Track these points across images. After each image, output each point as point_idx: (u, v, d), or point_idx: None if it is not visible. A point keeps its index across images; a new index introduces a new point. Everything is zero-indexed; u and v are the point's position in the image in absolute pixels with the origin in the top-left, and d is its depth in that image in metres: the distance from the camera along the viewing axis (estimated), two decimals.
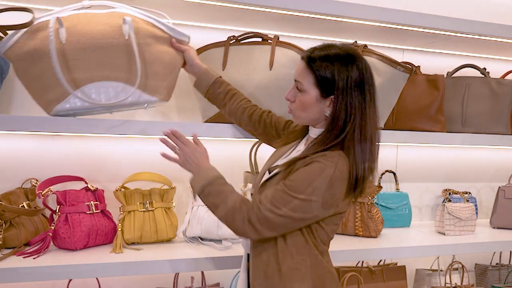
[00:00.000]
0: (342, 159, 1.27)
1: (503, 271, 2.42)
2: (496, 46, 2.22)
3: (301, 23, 1.88)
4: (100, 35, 1.42)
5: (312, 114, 1.34)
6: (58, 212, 1.58)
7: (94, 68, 1.42)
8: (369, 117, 1.31)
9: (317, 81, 1.30)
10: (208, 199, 1.33)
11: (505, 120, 2.18)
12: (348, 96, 1.28)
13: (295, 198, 1.23)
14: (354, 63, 1.29)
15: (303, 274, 1.30)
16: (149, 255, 1.58)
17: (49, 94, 1.42)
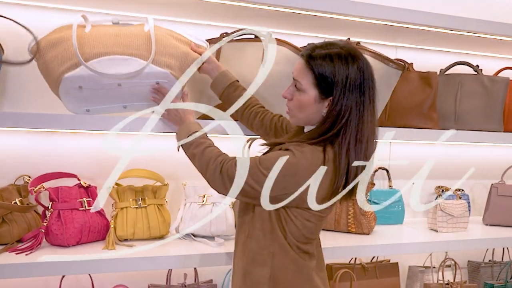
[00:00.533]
0: (316, 153, 1.28)
1: (496, 268, 2.46)
2: (489, 44, 2.25)
3: (294, 20, 1.91)
4: (123, 29, 1.51)
5: (310, 114, 1.34)
6: (50, 208, 1.61)
7: (110, 46, 1.47)
8: (367, 119, 1.31)
9: (317, 81, 1.30)
10: (189, 150, 1.40)
11: (497, 117, 2.21)
12: (346, 98, 1.28)
13: (260, 172, 1.26)
14: (355, 63, 1.30)
15: (264, 260, 1.34)
16: (142, 252, 1.60)
17: (63, 65, 1.45)
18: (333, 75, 1.28)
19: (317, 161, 1.27)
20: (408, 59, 2.19)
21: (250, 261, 1.35)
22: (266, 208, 1.31)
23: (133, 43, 1.48)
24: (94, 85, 1.47)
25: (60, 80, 1.45)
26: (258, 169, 1.27)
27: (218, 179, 1.31)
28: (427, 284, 2.23)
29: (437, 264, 2.32)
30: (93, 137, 1.89)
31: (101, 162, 1.88)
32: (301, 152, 1.27)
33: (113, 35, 1.47)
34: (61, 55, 1.44)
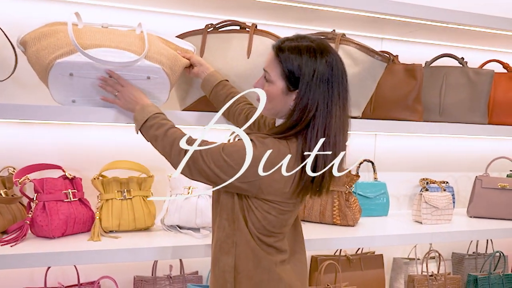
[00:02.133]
0: (277, 145, 1.34)
1: (480, 260, 2.58)
2: (475, 36, 2.35)
3: (280, 12, 1.99)
4: (115, 30, 1.60)
5: (277, 106, 1.40)
6: (35, 200, 1.68)
7: (104, 41, 1.55)
8: (335, 114, 1.36)
9: (285, 73, 1.36)
10: (149, 132, 1.45)
11: (482, 109, 2.31)
12: (312, 91, 1.34)
13: (222, 158, 1.33)
14: (324, 57, 1.35)
15: (228, 249, 1.43)
16: (127, 243, 1.68)
17: (56, 52, 1.51)
18: (300, 68, 1.34)
19: (278, 153, 1.33)
20: (394, 51, 2.28)
21: (217, 250, 1.45)
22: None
23: (126, 41, 1.57)
24: (86, 73, 1.55)
25: (51, 65, 1.51)
26: (221, 155, 1.33)
27: (179, 160, 1.35)
28: (412, 276, 2.34)
29: (422, 256, 2.43)
30: (77, 129, 1.96)
31: (86, 154, 1.96)
32: (262, 143, 1.34)
33: (106, 33, 1.56)
34: (54, 44, 1.52)
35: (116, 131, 2.01)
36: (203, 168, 1.35)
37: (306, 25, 2.20)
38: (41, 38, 1.52)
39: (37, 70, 1.56)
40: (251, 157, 1.24)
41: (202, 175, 1.36)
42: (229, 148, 1.35)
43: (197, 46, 1.86)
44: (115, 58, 1.53)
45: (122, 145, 2.00)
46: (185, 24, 1.97)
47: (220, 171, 1.33)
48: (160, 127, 1.44)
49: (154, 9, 2.00)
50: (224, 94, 1.70)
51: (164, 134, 1.42)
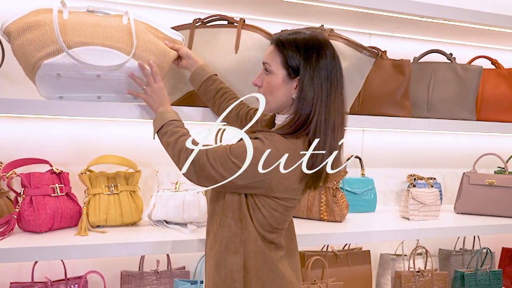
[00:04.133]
0: (286, 143, 1.41)
1: (466, 256, 2.71)
2: (463, 32, 2.45)
3: (268, 7, 2.07)
4: (101, 19, 1.65)
5: (279, 97, 1.47)
6: (22, 194, 1.76)
7: (91, 36, 1.61)
8: (335, 104, 1.45)
9: (285, 61, 1.44)
10: (163, 139, 1.54)
11: (470, 105, 2.41)
12: (316, 78, 1.42)
13: (231, 160, 1.39)
14: (322, 47, 1.45)
15: (236, 248, 1.48)
16: (115, 238, 1.76)
17: (42, 51, 1.58)
18: (300, 55, 1.43)
19: (287, 150, 1.39)
20: (382, 47, 2.38)
21: (223, 250, 1.49)
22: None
23: (113, 35, 1.63)
24: (74, 74, 1.62)
25: (38, 66, 1.58)
26: (229, 158, 1.39)
27: (190, 168, 1.41)
28: (398, 272, 2.46)
29: (409, 252, 2.55)
30: (65, 123, 2.04)
31: (73, 149, 2.05)
32: (270, 140, 1.41)
33: (92, 25, 1.62)
34: (40, 40, 1.57)
35: (104, 126, 2.09)
36: (211, 173, 1.41)
37: (295, 20, 2.29)
38: (26, 31, 1.58)
39: (23, 66, 1.63)
40: (251, 156, 1.31)
41: (210, 180, 1.42)
42: (236, 149, 1.41)
43: (185, 40, 1.94)
44: (103, 60, 1.61)
45: (109, 140, 2.09)
46: (173, 19, 2.05)
47: (230, 174, 1.39)
48: (173, 134, 1.52)
49: (142, 3, 2.08)
50: (214, 90, 1.78)
51: (175, 142, 1.49)
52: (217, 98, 1.79)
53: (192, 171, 1.43)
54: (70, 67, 1.60)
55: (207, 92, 1.80)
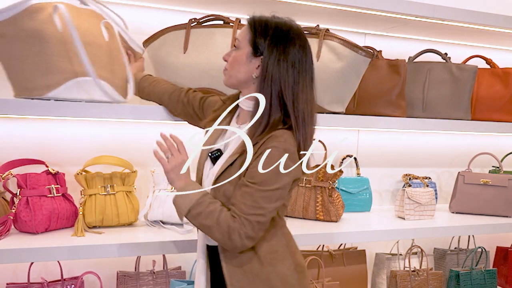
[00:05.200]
0: (289, 135, 1.45)
1: (461, 256, 2.77)
2: (458, 31, 2.50)
3: (263, 7, 2.11)
4: (86, 32, 1.65)
5: (240, 72, 1.51)
6: (19, 195, 1.80)
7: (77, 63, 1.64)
8: (303, 94, 1.47)
9: (252, 39, 1.48)
10: (198, 220, 1.45)
11: (465, 105, 2.46)
12: (282, 61, 1.45)
13: (271, 191, 1.40)
14: (294, 35, 1.48)
15: (282, 255, 1.52)
16: (111, 239, 1.81)
17: (46, 78, 1.60)
18: (268, 35, 1.46)
19: (293, 142, 1.45)
20: (377, 47, 2.43)
21: (268, 264, 1.49)
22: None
23: (100, 61, 1.68)
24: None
25: (32, 93, 1.63)
26: (266, 191, 1.40)
27: (246, 244, 1.42)
28: (394, 271, 2.51)
29: (404, 251, 2.61)
30: (60, 123, 2.08)
31: (69, 149, 2.09)
32: (284, 141, 1.42)
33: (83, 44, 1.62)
34: (40, 61, 1.58)
35: (99, 126, 2.14)
36: (268, 219, 1.43)
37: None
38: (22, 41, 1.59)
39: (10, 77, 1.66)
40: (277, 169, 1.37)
41: (265, 224, 1.44)
42: (262, 178, 1.40)
43: (180, 41, 1.98)
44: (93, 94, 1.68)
45: (105, 140, 2.13)
46: (168, 19, 2.09)
47: (281, 200, 1.44)
48: (209, 215, 1.43)
49: (138, 3, 2.12)
50: (148, 85, 1.87)
51: (217, 224, 1.41)
52: (151, 89, 1.87)
53: (251, 241, 1.43)
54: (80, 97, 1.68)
55: (142, 90, 1.88)
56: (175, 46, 1.99)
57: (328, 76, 2.06)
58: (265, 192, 1.41)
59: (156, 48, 2.02)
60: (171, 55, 1.99)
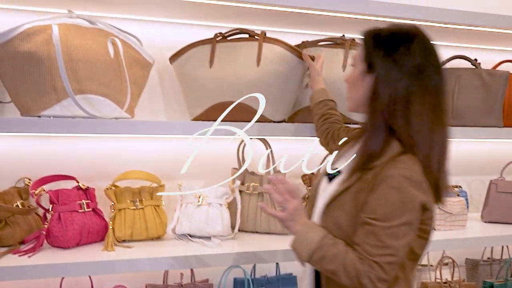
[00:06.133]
0: (412, 160, 1.35)
1: (495, 266, 2.75)
2: (488, 36, 2.51)
3: (287, 18, 2.17)
4: (90, 49, 1.77)
5: (356, 92, 1.46)
6: (51, 211, 1.88)
7: (84, 80, 1.75)
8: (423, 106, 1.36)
9: (366, 54, 1.42)
10: (321, 265, 1.37)
11: (497, 112, 2.47)
12: (395, 73, 1.34)
13: (396, 227, 1.30)
14: (411, 42, 1.37)
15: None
16: (140, 253, 1.87)
17: (39, 100, 1.72)
18: (379, 46, 1.38)
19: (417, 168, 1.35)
20: None
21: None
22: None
23: (104, 79, 1.79)
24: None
25: (32, 114, 1.74)
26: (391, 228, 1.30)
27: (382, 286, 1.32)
28: (425, 283, 2.53)
29: (434, 262, 2.62)
30: (90, 140, 2.18)
31: (98, 165, 2.18)
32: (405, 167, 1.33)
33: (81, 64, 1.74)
34: (39, 83, 1.71)
35: (127, 142, 2.23)
36: (400, 256, 1.33)
37: (315, 30, 2.39)
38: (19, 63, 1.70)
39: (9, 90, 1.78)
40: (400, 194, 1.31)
41: (398, 263, 1.34)
42: (385, 212, 1.31)
43: (206, 55, 2.05)
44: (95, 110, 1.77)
45: (133, 154, 2.23)
46: (194, 34, 2.16)
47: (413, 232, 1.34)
48: (334, 259, 1.34)
49: (162, 19, 2.22)
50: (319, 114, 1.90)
51: (343, 267, 1.33)
52: (320, 122, 1.89)
53: (385, 284, 1.32)
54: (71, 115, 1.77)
55: (315, 115, 1.92)
56: (201, 60, 2.06)
57: None
58: (390, 229, 1.30)
59: (182, 63, 2.10)
60: (197, 70, 2.06)
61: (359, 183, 1.39)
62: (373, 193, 1.34)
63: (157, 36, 2.23)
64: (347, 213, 1.38)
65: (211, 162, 2.22)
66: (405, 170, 1.33)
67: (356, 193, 1.38)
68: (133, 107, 1.94)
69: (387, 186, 1.32)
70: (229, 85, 2.00)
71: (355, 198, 1.38)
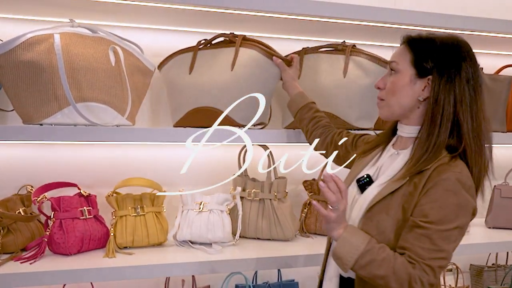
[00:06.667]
0: (463, 165, 1.38)
1: (500, 272, 2.77)
2: (490, 41, 2.52)
3: (287, 24, 2.19)
4: (91, 58, 1.81)
5: (403, 98, 1.44)
6: (52, 218, 1.92)
7: (85, 88, 1.79)
8: (480, 113, 1.40)
9: (415, 59, 1.42)
10: (368, 271, 1.34)
11: (500, 117, 2.49)
12: (456, 79, 1.36)
13: (450, 230, 1.32)
14: (460, 48, 1.41)
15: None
16: (141, 260, 1.90)
17: (41, 109, 1.77)
18: (436, 52, 1.40)
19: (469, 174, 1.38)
20: None
21: None
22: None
23: (105, 86, 1.84)
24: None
25: (34, 122, 1.78)
26: (446, 232, 1.31)
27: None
28: None
29: None
30: (91, 148, 2.23)
31: (100, 172, 2.23)
32: (459, 171, 1.35)
33: (83, 72, 1.79)
34: (39, 91, 1.75)
35: (128, 148, 2.27)
36: (448, 260, 1.34)
37: (317, 36, 2.42)
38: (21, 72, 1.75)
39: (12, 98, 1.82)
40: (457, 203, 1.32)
41: (445, 267, 1.37)
42: (439, 215, 1.32)
43: (188, 62, 2.09)
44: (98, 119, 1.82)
45: (134, 161, 2.27)
46: (184, 40, 2.19)
47: (460, 237, 1.37)
48: (383, 264, 1.33)
49: (145, 25, 2.26)
50: (308, 118, 1.89)
51: (393, 272, 1.32)
52: (310, 126, 1.88)
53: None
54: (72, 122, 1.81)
55: (301, 119, 1.91)
56: (182, 67, 2.11)
57: (355, 92, 2.14)
58: (444, 233, 1.31)
59: (167, 70, 2.16)
60: (178, 77, 2.11)
61: (407, 187, 1.40)
62: (427, 196, 1.35)
63: (158, 43, 2.28)
64: (392, 216, 1.39)
65: (212, 168, 2.26)
66: (460, 174, 1.35)
67: (404, 196, 1.39)
68: (134, 114, 1.98)
69: (443, 189, 1.33)
70: (204, 91, 2.02)
71: (402, 202, 1.39)
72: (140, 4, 1.88)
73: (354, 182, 1.54)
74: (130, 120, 1.95)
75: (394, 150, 1.54)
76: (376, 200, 1.42)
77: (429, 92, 1.42)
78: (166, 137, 1.93)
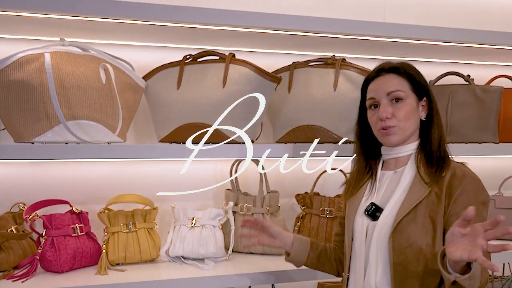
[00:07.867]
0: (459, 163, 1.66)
1: (496, 284, 2.81)
2: (480, 52, 2.58)
3: (276, 39, 2.25)
4: (82, 76, 1.88)
5: (414, 121, 1.67)
6: (44, 235, 1.97)
7: (76, 106, 1.86)
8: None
9: (413, 86, 1.66)
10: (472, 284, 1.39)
11: (492, 128, 2.52)
12: (433, 99, 1.68)
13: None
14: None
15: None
16: (134, 276, 1.95)
17: (31, 128, 1.83)
18: (420, 77, 1.68)
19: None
20: None
21: None
22: None
23: (96, 104, 1.91)
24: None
25: (25, 140, 1.85)
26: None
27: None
28: None
29: None
30: (82, 165, 2.29)
31: (91, 188, 2.28)
32: (464, 166, 1.63)
33: (74, 90, 1.86)
34: (30, 110, 1.82)
35: (120, 165, 2.33)
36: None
37: (306, 51, 2.49)
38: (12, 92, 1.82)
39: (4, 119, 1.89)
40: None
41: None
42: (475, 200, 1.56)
43: (175, 77, 2.13)
44: (89, 136, 1.89)
45: (126, 178, 2.33)
46: (167, 56, 2.25)
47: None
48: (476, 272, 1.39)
49: (131, 43, 2.32)
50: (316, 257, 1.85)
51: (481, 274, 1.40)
52: (322, 259, 1.85)
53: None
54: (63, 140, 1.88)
55: (312, 260, 1.85)
56: (169, 82, 2.14)
57: (345, 105, 2.19)
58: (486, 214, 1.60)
59: (152, 85, 2.18)
60: (164, 92, 2.14)
61: (429, 197, 1.58)
62: (454, 195, 1.55)
63: (146, 59, 2.33)
64: (420, 226, 1.55)
65: (204, 183, 2.30)
66: (473, 173, 1.62)
67: (428, 205, 1.57)
68: (125, 131, 2.04)
69: (469, 181, 1.57)
70: (195, 106, 2.06)
71: (427, 211, 1.56)
72: (127, 22, 1.93)
73: (360, 214, 1.68)
74: (121, 137, 2.01)
75: (390, 171, 1.71)
76: (404, 214, 1.56)
77: (425, 111, 1.69)
78: (160, 154, 1.98)
